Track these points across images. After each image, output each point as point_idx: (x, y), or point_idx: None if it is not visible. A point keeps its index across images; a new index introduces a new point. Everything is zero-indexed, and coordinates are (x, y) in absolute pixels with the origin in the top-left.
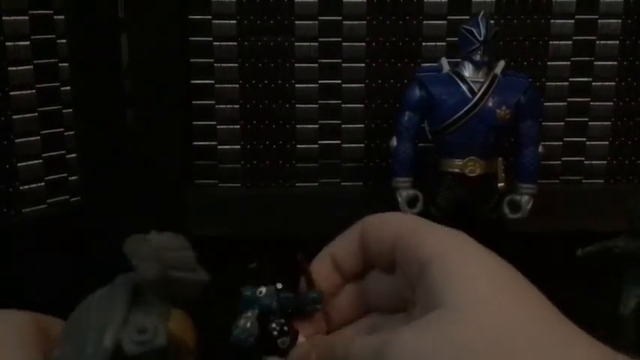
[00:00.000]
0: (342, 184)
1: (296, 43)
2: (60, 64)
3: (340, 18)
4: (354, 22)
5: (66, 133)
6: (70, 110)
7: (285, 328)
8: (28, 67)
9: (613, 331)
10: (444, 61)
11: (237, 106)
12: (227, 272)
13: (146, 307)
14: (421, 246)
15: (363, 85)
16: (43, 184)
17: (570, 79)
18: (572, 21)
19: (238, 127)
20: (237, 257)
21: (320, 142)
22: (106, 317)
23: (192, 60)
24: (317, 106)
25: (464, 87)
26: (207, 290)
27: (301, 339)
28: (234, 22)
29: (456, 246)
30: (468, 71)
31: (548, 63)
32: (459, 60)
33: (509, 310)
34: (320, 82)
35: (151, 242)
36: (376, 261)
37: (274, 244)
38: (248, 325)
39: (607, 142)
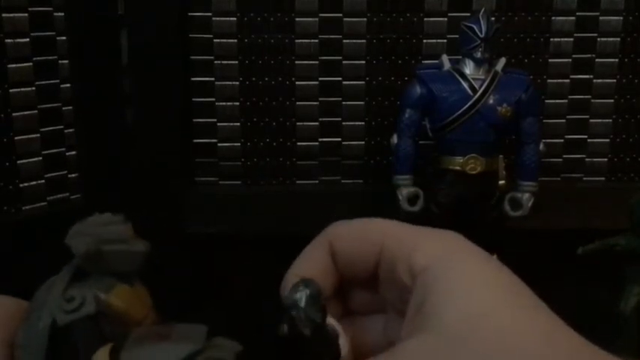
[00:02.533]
0: (342, 181)
1: (296, 41)
2: (60, 62)
3: (341, 15)
4: (354, 20)
5: (66, 131)
6: (70, 108)
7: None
8: (27, 64)
9: (614, 329)
10: (445, 59)
11: (238, 103)
12: (226, 269)
13: (87, 282)
14: (412, 253)
15: (363, 82)
16: (43, 181)
17: (571, 77)
18: (573, 18)
19: (238, 124)
20: (237, 255)
21: (320, 139)
22: (46, 296)
23: (192, 57)
24: (317, 103)
25: (465, 84)
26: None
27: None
28: (234, 19)
29: (450, 251)
30: (468, 68)
31: (549, 60)
32: (460, 57)
33: (509, 329)
34: (320, 79)
35: (87, 220)
36: (352, 275)
37: (274, 242)
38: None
39: (608, 140)
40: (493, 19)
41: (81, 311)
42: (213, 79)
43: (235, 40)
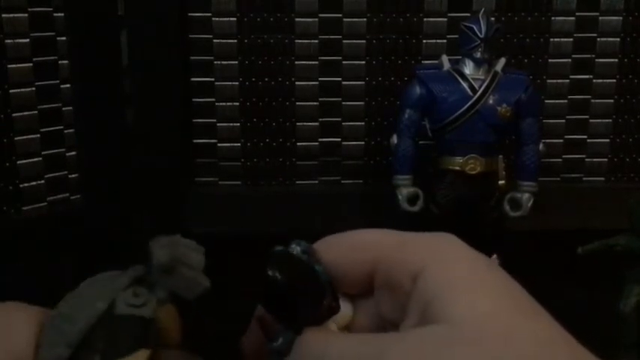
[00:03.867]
0: (342, 181)
1: (296, 41)
2: (60, 62)
3: (340, 15)
4: (354, 20)
5: (66, 131)
6: (70, 108)
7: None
8: (27, 64)
9: (613, 329)
10: (445, 59)
11: (237, 103)
12: (227, 270)
13: (147, 288)
14: (409, 257)
15: (363, 82)
16: (43, 182)
17: (571, 77)
18: (573, 18)
19: (238, 124)
20: (237, 255)
21: (320, 139)
22: (109, 284)
23: (192, 57)
24: (317, 103)
25: (464, 84)
26: (204, 298)
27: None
28: (234, 19)
29: (446, 251)
30: (468, 69)
31: (549, 60)
32: (460, 57)
33: (511, 329)
34: (320, 79)
35: (173, 237)
36: (345, 289)
37: (274, 242)
38: None
39: (608, 140)
40: (493, 19)
41: (141, 310)
42: (213, 79)
43: (235, 41)
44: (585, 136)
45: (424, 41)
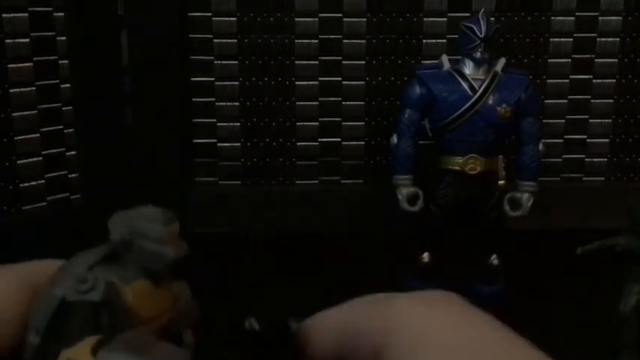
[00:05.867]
0: (342, 181)
1: (296, 41)
2: (60, 62)
3: (340, 15)
4: (354, 20)
5: (66, 131)
6: (70, 108)
7: None
8: (27, 64)
9: (614, 329)
10: (445, 59)
11: (238, 103)
12: (226, 268)
13: (112, 268)
14: (369, 335)
15: (363, 82)
16: (43, 181)
17: (571, 77)
18: (573, 18)
19: (238, 124)
20: (237, 254)
21: (320, 139)
22: (67, 270)
23: (192, 57)
24: (317, 103)
25: (464, 84)
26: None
27: None
28: (234, 19)
29: (409, 318)
30: (468, 69)
31: (549, 60)
32: (460, 57)
33: None
34: (320, 79)
35: (132, 210)
36: None
37: (274, 241)
38: None
39: (607, 140)
40: (493, 19)
41: (87, 295)
42: (213, 79)
43: (235, 41)
44: (585, 136)
45: (424, 41)
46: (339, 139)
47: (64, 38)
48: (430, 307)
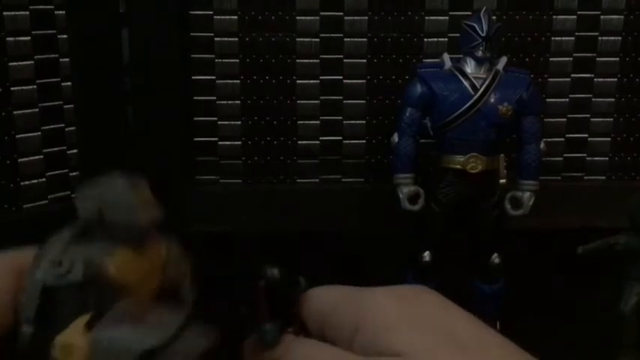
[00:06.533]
0: (343, 180)
1: (297, 39)
2: (61, 60)
3: (341, 14)
4: (355, 18)
5: (67, 129)
6: (71, 106)
7: None
8: (28, 62)
9: (614, 328)
10: (446, 57)
11: (238, 102)
12: (227, 268)
13: (87, 245)
14: (345, 316)
15: (364, 81)
16: (44, 180)
17: (572, 75)
18: (575, 17)
19: (239, 123)
20: (238, 253)
21: (321, 138)
22: (44, 253)
23: (193, 56)
24: (318, 102)
25: (466, 83)
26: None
27: None
28: (235, 17)
29: (380, 306)
30: (469, 67)
31: (551, 59)
32: (461, 56)
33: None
34: (321, 78)
35: (97, 183)
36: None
37: (275, 241)
38: None
39: (609, 139)
40: (494, 17)
41: (67, 278)
42: (214, 77)
43: (236, 39)
44: (586, 135)
45: (425, 40)
46: (340, 138)
47: (65, 36)
48: (400, 299)
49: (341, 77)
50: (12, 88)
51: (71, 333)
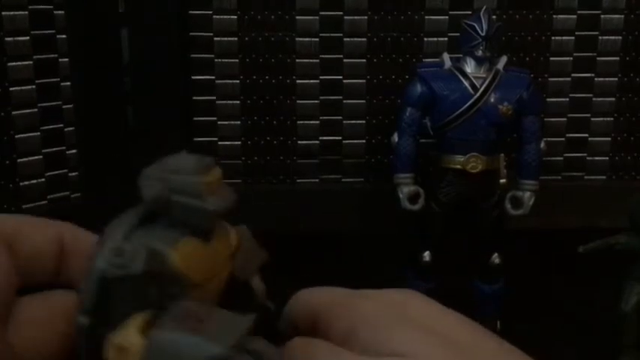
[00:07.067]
0: (343, 180)
1: (297, 39)
2: (60, 60)
3: (341, 13)
4: (355, 18)
5: (66, 129)
6: (71, 106)
7: None
8: (28, 62)
9: (614, 328)
10: (446, 57)
11: (238, 102)
12: None
13: (155, 231)
14: (338, 319)
15: (364, 80)
16: (43, 180)
17: (572, 75)
18: (575, 16)
19: (239, 122)
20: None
21: (321, 138)
22: (106, 239)
23: (192, 55)
24: (318, 102)
25: (466, 83)
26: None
27: None
28: (235, 17)
29: (372, 311)
30: (469, 67)
31: (551, 58)
32: (461, 55)
33: None
34: (321, 77)
35: (163, 163)
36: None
37: (275, 241)
38: None
39: (609, 139)
40: (494, 17)
41: (128, 269)
42: (213, 77)
43: (236, 39)
44: (587, 135)
45: (425, 39)
46: (339, 138)
47: (64, 36)
48: (392, 303)
49: (341, 77)
50: (11, 89)
51: (127, 333)
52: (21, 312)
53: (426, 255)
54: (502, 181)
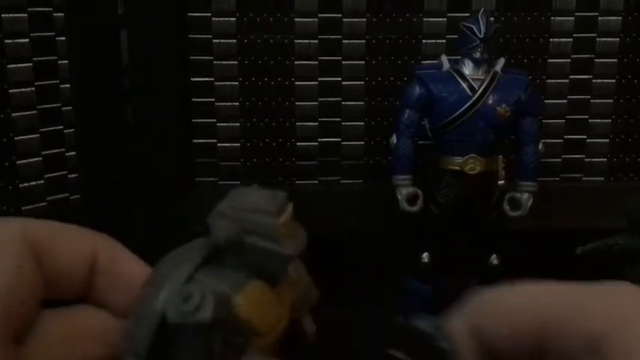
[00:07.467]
0: (341, 181)
1: (296, 41)
2: (59, 62)
3: (340, 15)
4: (353, 20)
5: (65, 131)
6: (70, 108)
7: None
8: (27, 64)
9: None
10: (444, 59)
11: (237, 103)
12: None
13: (221, 272)
14: (585, 324)
15: (362, 82)
16: (42, 182)
17: (570, 77)
18: (573, 18)
19: (238, 124)
20: None
21: (320, 139)
22: (168, 273)
23: (192, 57)
24: (317, 103)
25: (464, 84)
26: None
27: None
28: (234, 19)
29: (630, 311)
30: (468, 69)
31: (549, 60)
32: (459, 57)
33: None
34: (320, 79)
35: (236, 200)
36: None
37: None
38: None
39: (607, 140)
40: (492, 19)
41: (195, 316)
42: (212, 79)
43: (235, 41)
44: (585, 136)
45: (424, 41)
46: (338, 139)
47: (63, 38)
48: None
49: (339, 79)
50: (11, 91)
51: None
52: (43, 327)
53: (425, 256)
54: (500, 182)
